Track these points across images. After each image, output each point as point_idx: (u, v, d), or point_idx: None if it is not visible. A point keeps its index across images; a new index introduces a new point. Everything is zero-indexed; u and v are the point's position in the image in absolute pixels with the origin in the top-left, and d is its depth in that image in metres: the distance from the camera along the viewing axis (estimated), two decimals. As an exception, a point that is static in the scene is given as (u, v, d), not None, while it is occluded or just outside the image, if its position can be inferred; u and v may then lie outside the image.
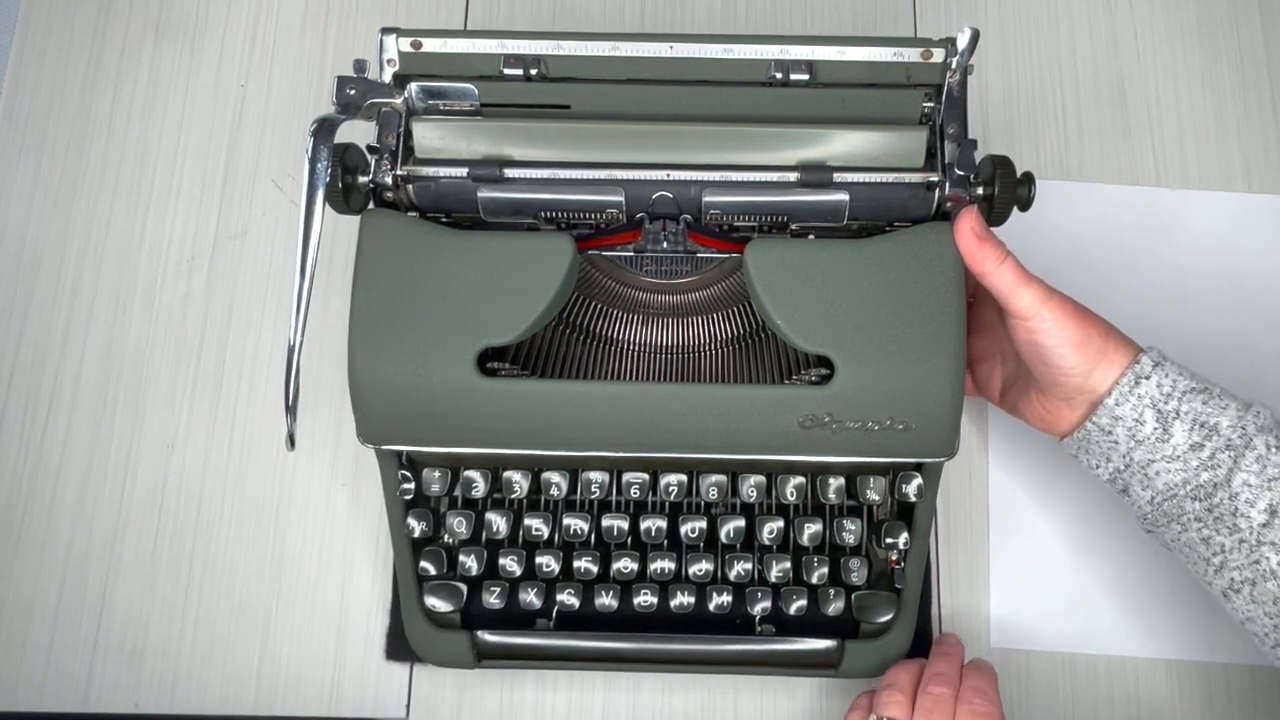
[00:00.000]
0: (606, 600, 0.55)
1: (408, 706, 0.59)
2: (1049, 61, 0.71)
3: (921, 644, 0.59)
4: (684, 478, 0.55)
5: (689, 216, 0.54)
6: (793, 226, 0.55)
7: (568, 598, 0.55)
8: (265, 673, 0.60)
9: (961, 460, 0.63)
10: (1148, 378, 0.49)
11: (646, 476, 0.55)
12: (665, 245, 0.55)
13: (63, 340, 0.66)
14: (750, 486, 0.54)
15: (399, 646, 0.59)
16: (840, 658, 0.55)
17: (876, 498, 0.54)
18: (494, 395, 0.50)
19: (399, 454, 0.55)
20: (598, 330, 0.55)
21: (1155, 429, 0.49)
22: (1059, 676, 0.60)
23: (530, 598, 0.55)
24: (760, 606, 0.55)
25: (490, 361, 0.51)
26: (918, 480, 0.54)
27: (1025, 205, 0.53)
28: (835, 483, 0.55)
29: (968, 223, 0.50)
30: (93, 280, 0.67)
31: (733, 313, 0.55)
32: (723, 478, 0.54)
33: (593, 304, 0.55)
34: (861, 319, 0.50)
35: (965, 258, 0.50)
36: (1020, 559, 0.62)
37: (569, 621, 0.56)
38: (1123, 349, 0.50)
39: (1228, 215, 0.68)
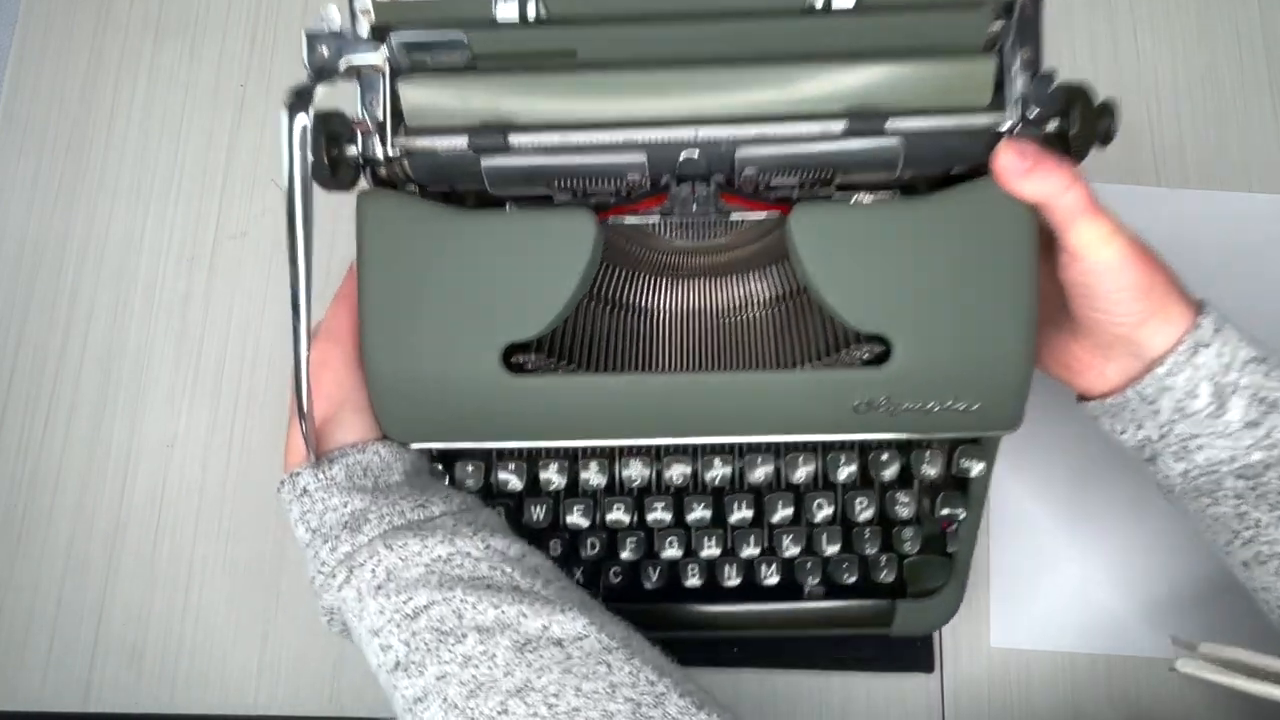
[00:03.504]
0: (653, 581, 0.54)
1: (408, 706, 0.60)
2: (1048, 61, 0.71)
3: (919, 645, 0.59)
4: (729, 465, 0.52)
5: (720, 177, 0.48)
6: (838, 180, 0.49)
7: (612, 578, 0.53)
8: (265, 673, 0.60)
9: (961, 460, 0.63)
10: (1207, 345, 0.43)
11: (689, 469, 0.52)
12: (695, 209, 0.49)
13: (63, 340, 0.66)
14: (800, 470, 0.51)
15: (399, 646, 0.59)
16: (892, 617, 0.55)
17: (934, 473, 0.51)
18: (523, 394, 0.47)
19: (429, 451, 0.52)
20: (625, 298, 0.50)
21: (1209, 404, 0.44)
22: (1059, 676, 0.60)
23: (576, 577, 0.53)
24: (811, 579, 0.53)
25: (515, 353, 0.47)
26: (981, 464, 0.51)
27: (1107, 140, 0.46)
28: (889, 459, 0.51)
29: (1013, 154, 0.43)
30: (93, 280, 0.67)
31: (772, 271, 0.50)
32: (769, 468, 0.52)
33: (618, 270, 0.50)
34: (921, 290, 0.45)
35: (1019, 182, 0.43)
36: (1020, 558, 0.62)
37: (613, 597, 0.54)
38: (1182, 305, 0.44)
39: (1228, 215, 0.68)
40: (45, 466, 0.63)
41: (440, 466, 0.53)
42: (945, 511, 0.53)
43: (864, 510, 0.52)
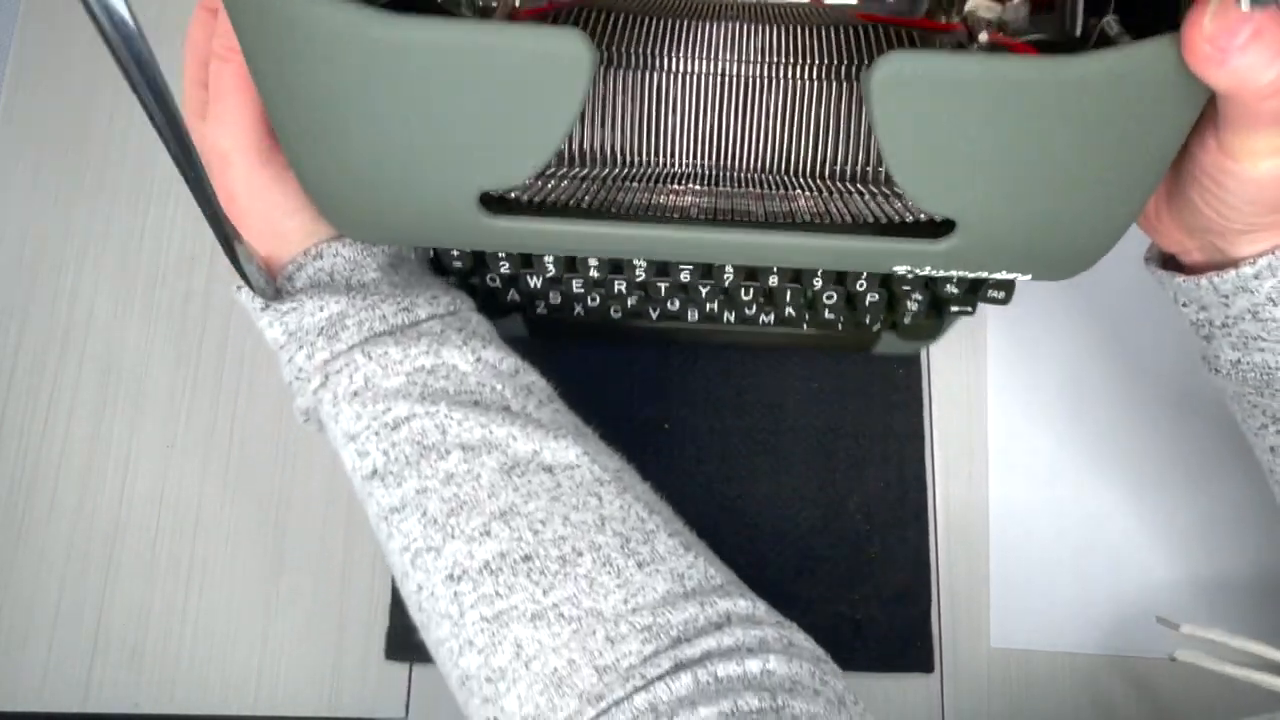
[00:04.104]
0: (653, 319, 0.54)
1: (407, 706, 0.59)
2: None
3: (919, 645, 0.59)
4: (742, 274, 0.48)
5: None
6: None
7: (612, 314, 0.53)
8: (265, 673, 0.60)
9: (962, 457, 0.63)
10: None
11: (697, 274, 0.49)
12: None
13: (63, 340, 0.65)
14: (818, 281, 0.49)
15: (399, 646, 0.59)
16: (875, 341, 0.58)
17: (957, 294, 0.49)
18: (506, 235, 0.38)
19: None
20: (633, 53, 0.39)
21: None
22: (1059, 676, 0.60)
23: (577, 312, 0.53)
24: (807, 328, 0.55)
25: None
26: (1005, 291, 0.48)
27: None
28: (914, 284, 0.49)
29: (1225, 25, 0.29)
30: (93, 280, 0.67)
31: (834, 32, 0.39)
32: (785, 278, 0.49)
33: (620, 18, 0.39)
34: (1015, 174, 0.34)
35: (1218, 67, 0.30)
36: (1020, 558, 0.62)
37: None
38: None
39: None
40: (45, 466, 0.63)
41: None
42: (955, 309, 0.51)
43: (875, 304, 0.51)
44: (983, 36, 0.37)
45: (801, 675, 0.38)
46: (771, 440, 0.62)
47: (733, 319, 0.54)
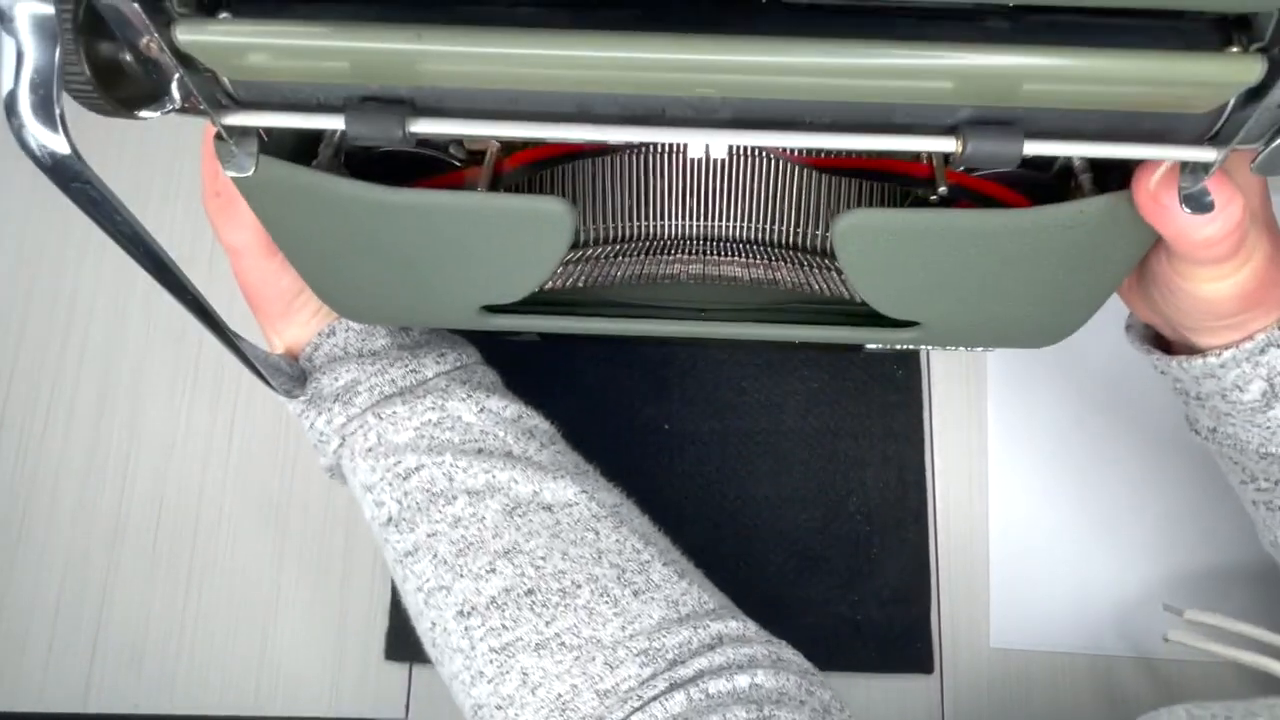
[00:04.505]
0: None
1: (407, 706, 0.59)
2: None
3: (919, 645, 0.59)
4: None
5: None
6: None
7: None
8: (265, 673, 0.60)
9: (961, 460, 0.63)
10: (1278, 346, 0.39)
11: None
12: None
13: (63, 340, 0.66)
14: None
15: (399, 646, 0.59)
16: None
17: None
18: (508, 325, 0.41)
19: None
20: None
21: (1256, 400, 0.41)
22: (1059, 676, 0.60)
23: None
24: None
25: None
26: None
27: None
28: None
29: (1172, 184, 0.31)
30: (93, 280, 0.67)
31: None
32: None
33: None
34: (974, 293, 0.38)
35: (1168, 218, 0.32)
36: (1020, 559, 0.62)
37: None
38: (1264, 319, 0.38)
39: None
40: (45, 466, 0.63)
41: None
42: None
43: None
44: (942, 190, 0.39)
45: (788, 687, 0.39)
46: (771, 440, 0.63)
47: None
